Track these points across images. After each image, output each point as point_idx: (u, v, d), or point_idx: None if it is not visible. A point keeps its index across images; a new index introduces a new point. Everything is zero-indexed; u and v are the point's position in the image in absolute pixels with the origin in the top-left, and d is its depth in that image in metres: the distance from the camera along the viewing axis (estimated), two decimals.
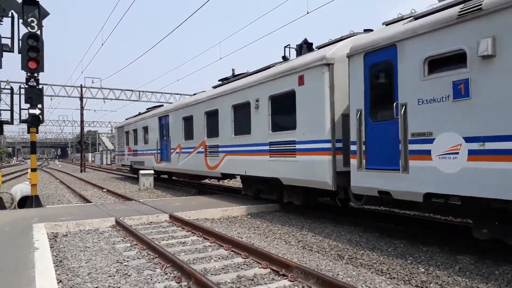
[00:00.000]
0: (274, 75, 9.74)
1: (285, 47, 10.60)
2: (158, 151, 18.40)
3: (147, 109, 22.24)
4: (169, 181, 21.03)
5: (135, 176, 23.95)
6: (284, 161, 9.36)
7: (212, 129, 13.07)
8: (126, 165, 25.81)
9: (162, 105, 21.28)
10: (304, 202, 9.74)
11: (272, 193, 10.92)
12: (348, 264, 6.05)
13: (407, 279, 5.26)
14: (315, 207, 10.78)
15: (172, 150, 16.64)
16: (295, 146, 9.01)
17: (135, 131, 22.57)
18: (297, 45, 10.20)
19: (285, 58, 10.66)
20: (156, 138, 18.65)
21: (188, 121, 15.09)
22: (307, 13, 13.91)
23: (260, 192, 11.54)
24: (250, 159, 10.82)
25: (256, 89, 10.49)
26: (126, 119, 25.94)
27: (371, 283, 5.10)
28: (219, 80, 14.07)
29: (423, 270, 5.62)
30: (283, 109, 9.55)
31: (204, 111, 13.53)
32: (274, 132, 9.83)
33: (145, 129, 20.57)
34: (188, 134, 15.00)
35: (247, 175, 11.09)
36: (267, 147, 10.05)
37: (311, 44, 9.98)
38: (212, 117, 13.13)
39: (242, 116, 11.34)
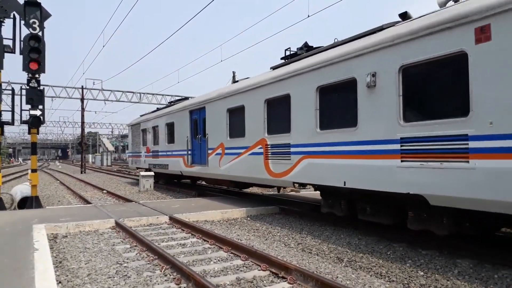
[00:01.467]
0: (410, 33, 6.41)
1: (285, 50, 10.62)
2: (189, 152, 15.03)
3: (170, 102, 19.64)
4: (169, 183, 20.88)
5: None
6: (439, 168, 5.96)
7: (278, 123, 9.82)
8: (142, 168, 21.86)
9: (187, 98, 18.53)
10: (454, 231, 6.40)
11: (384, 215, 7.55)
12: (347, 267, 6.05)
13: (406, 282, 5.27)
14: (314, 209, 10.79)
15: (210, 151, 13.28)
16: (467, 145, 5.61)
17: (155, 128, 19.25)
18: (297, 49, 10.22)
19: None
20: (185, 136, 15.32)
21: (236, 114, 11.81)
22: (308, 16, 13.95)
23: (360, 212, 8.02)
24: (356, 164, 7.46)
25: (371, 59, 7.16)
26: (142, 116, 22.63)
27: (370, 286, 5.11)
28: (282, 58, 10.85)
29: (422, 273, 5.63)
30: (434, 85, 6.21)
31: (265, 98, 10.19)
32: (409, 123, 6.45)
33: (170, 125, 17.20)
34: (237, 130, 11.76)
35: (348, 188, 7.67)
36: (394, 146, 6.71)
37: (312, 47, 10.01)
38: (278, 106, 9.81)
39: (336, 101, 8.04)
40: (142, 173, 19.04)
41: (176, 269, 5.57)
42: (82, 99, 38.13)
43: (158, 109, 20.53)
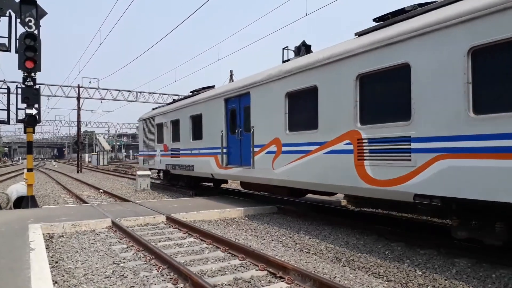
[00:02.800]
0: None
1: (283, 48, 10.60)
2: (224, 151, 12.09)
3: (193, 92, 16.02)
4: (166, 183, 20.77)
5: (169, 184, 18.48)
6: None
7: (383, 107, 6.86)
8: (157, 170, 19.28)
9: (213, 87, 15.01)
10: None
11: None
12: (345, 266, 6.04)
13: (404, 282, 5.26)
14: (312, 209, 10.79)
15: (257, 149, 10.29)
16: None
17: (175, 122, 16.03)
18: (295, 47, 10.20)
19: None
20: (219, 131, 12.34)
21: (301, 98, 8.81)
22: (306, 15, 13.94)
23: None
24: None
25: None
26: (155, 109, 19.77)
27: (368, 286, 5.10)
28: (375, 20, 7.92)
29: (420, 273, 5.62)
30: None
31: (357, 73, 7.24)
32: None
33: (196, 118, 14.16)
34: (302, 120, 8.83)
35: None
36: None
37: (310, 46, 9.99)
38: (380, 83, 6.92)
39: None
40: (139, 172, 18.97)
41: (173, 269, 5.54)
42: (78, 98, 37.99)
43: (175, 101, 17.81)
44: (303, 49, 9.83)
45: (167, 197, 15.58)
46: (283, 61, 10.49)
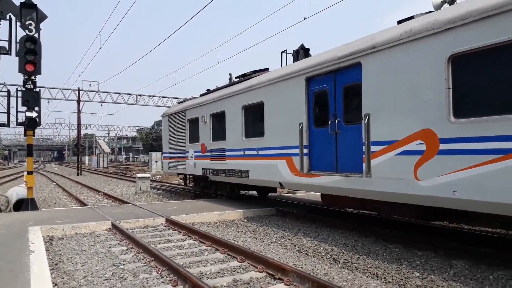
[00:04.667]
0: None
1: (282, 52, 10.66)
2: (304, 151, 8.83)
3: (241, 77, 12.43)
4: (165, 185, 20.74)
5: (200, 192, 15.15)
6: None
7: None
8: (189, 175, 15.52)
9: (266, 69, 11.60)
10: None
11: None
12: (343, 268, 6.07)
13: (402, 283, 5.29)
14: (311, 211, 10.81)
15: (379, 148, 6.96)
16: None
17: (218, 116, 12.75)
18: (294, 51, 10.25)
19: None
20: (295, 123, 9.04)
21: (486, 63, 5.48)
22: (304, 18, 14.00)
23: None
24: None
25: None
26: (181, 102, 16.78)
27: (366, 287, 5.13)
28: None
29: (418, 274, 5.65)
30: None
31: None
32: None
33: (254, 109, 10.80)
34: (496, 97, 5.37)
35: None
36: None
37: (308, 49, 10.05)
38: None
39: None
40: (139, 175, 19.00)
41: (172, 271, 5.57)
42: (78, 101, 38.03)
43: (209, 92, 14.16)
44: (302, 52, 9.89)
45: (166, 199, 15.60)
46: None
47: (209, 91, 14.08)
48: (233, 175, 11.79)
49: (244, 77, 12.07)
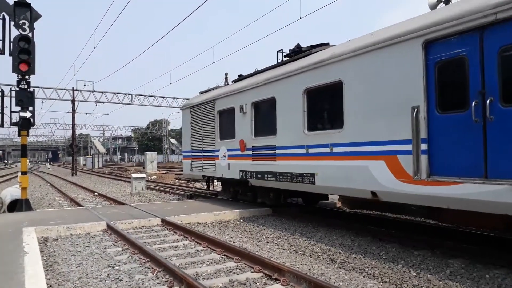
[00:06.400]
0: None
1: (278, 51, 10.65)
2: (423, 147, 6.24)
3: (291, 54, 10.03)
4: (161, 185, 20.66)
5: (231, 199, 12.96)
6: None
7: None
8: (219, 178, 13.20)
9: (319, 45, 9.46)
10: None
11: None
12: (340, 268, 6.06)
13: (398, 283, 5.28)
14: (307, 211, 10.79)
15: None
16: None
17: (264, 104, 10.23)
18: (290, 50, 10.24)
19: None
20: (404, 108, 6.52)
21: None
22: (300, 18, 14.00)
23: None
24: None
25: None
26: (204, 92, 14.17)
27: (363, 287, 5.12)
28: None
29: (414, 274, 5.65)
30: None
31: None
32: None
33: (325, 91, 8.25)
34: None
35: None
36: None
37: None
38: None
39: None
40: (134, 175, 18.92)
41: (168, 272, 5.53)
42: (73, 101, 37.82)
43: (246, 76, 11.77)
44: (296, 51, 9.86)
45: (162, 199, 15.54)
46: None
47: (242, 77, 11.99)
48: (287, 179, 9.22)
49: (296, 53, 9.70)
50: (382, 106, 6.87)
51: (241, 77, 11.94)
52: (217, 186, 18.21)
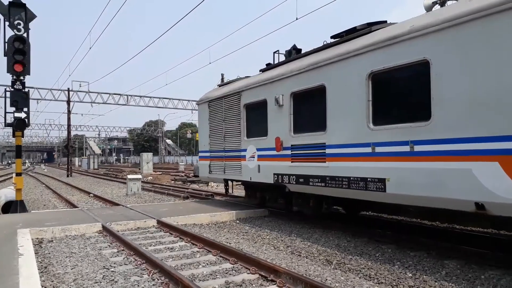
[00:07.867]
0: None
1: (274, 52, 10.64)
2: None
3: (340, 35, 8.42)
4: (157, 186, 20.57)
5: (256, 206, 11.50)
6: None
7: None
8: (247, 182, 11.26)
9: (384, 22, 7.70)
10: None
11: None
12: (336, 269, 6.06)
13: (394, 284, 5.29)
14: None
15: None
16: None
17: (308, 95, 8.58)
18: (286, 51, 10.24)
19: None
20: None
21: None
22: (296, 19, 14.02)
23: None
24: None
25: None
26: (223, 85, 12.98)
27: None
28: None
29: (410, 275, 5.66)
30: None
31: None
32: None
33: (400, 75, 6.54)
34: None
35: None
36: None
37: (300, 50, 10.04)
38: None
39: None
40: (130, 176, 18.86)
41: (164, 273, 5.51)
42: (68, 102, 37.64)
43: (277, 65, 10.10)
44: (294, 53, 9.88)
45: (158, 201, 15.49)
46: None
47: (272, 65, 10.35)
48: (343, 185, 7.55)
49: (349, 33, 8.14)
50: (495, 90, 5.14)
51: (271, 66, 10.35)
52: (237, 189, 15.69)
